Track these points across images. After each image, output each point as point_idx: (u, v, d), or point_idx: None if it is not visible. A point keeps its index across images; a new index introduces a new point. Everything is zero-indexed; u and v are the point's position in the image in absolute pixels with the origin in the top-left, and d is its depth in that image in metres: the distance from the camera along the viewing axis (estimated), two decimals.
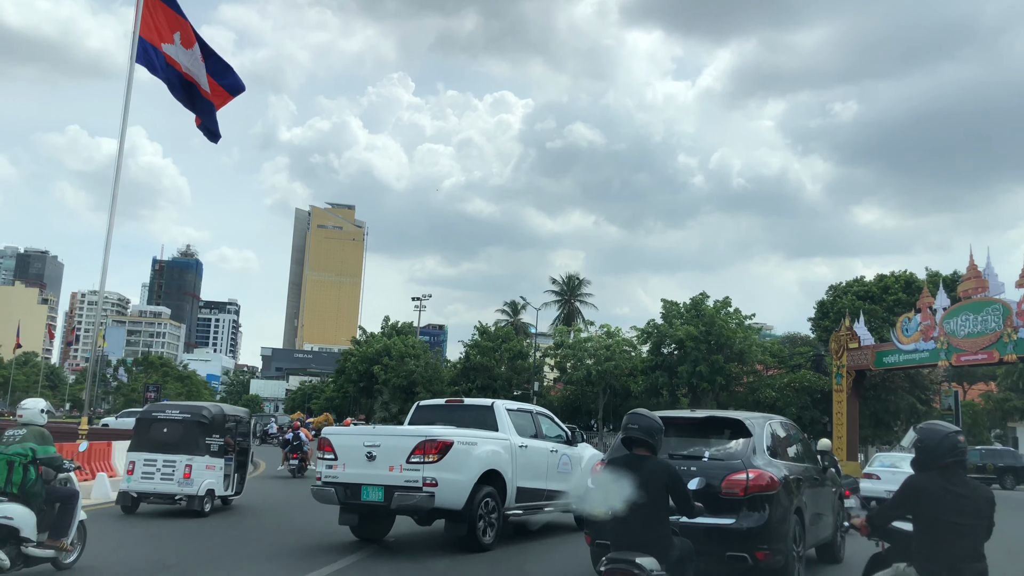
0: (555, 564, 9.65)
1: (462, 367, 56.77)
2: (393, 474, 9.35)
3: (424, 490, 9.16)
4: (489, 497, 9.75)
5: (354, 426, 19.82)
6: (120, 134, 19.69)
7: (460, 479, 9.41)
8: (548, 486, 10.93)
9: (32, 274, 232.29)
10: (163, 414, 13.27)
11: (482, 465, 9.73)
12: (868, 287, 49.19)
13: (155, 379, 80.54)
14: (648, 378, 45.44)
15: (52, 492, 7.52)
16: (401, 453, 9.38)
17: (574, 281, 67.89)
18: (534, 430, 11.33)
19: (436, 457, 9.25)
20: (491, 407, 11.02)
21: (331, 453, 9.90)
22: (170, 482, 12.43)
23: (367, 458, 9.54)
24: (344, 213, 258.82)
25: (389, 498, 9.32)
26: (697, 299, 44.94)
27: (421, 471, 9.22)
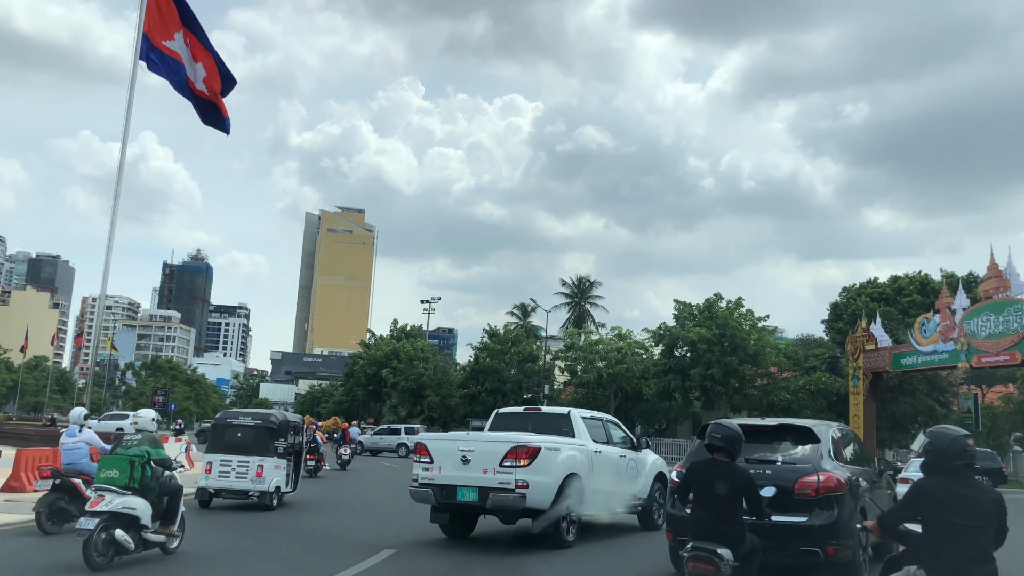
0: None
1: (471, 370, 56.33)
2: (487, 476, 10.12)
3: (517, 491, 9.94)
4: (571, 497, 10.46)
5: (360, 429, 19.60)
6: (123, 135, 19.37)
7: (547, 481, 10.16)
8: (620, 488, 11.85)
9: (44, 278, 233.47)
10: (237, 420, 14.63)
11: (565, 469, 10.47)
12: (882, 288, 48.44)
13: (163, 383, 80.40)
14: (660, 381, 44.77)
15: (162, 487, 8.79)
16: (494, 457, 10.14)
17: (584, 283, 67.26)
18: (605, 437, 12.09)
19: (527, 461, 10.03)
20: (567, 415, 11.91)
21: (427, 457, 10.66)
22: (244, 480, 13.90)
23: (462, 461, 10.33)
24: (354, 217, 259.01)
25: (484, 498, 10.10)
26: (710, 300, 44.25)
27: (513, 474, 10.00)
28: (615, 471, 11.84)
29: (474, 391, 54.76)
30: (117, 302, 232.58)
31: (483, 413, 54.12)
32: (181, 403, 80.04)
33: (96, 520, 8.06)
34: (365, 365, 64.64)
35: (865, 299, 47.35)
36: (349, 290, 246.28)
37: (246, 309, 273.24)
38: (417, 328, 68.20)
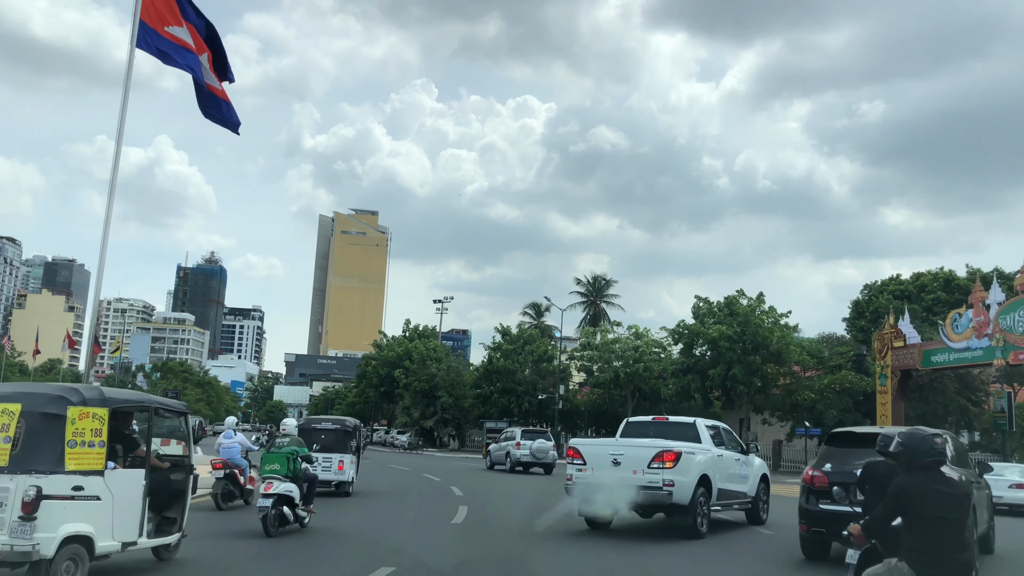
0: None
1: (484, 370, 55.25)
2: (636, 476, 11.70)
3: (664, 489, 11.55)
4: (703, 495, 11.91)
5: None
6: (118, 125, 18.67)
7: (687, 481, 11.64)
8: (735, 488, 13.23)
9: (59, 282, 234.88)
10: (320, 425, 18.02)
11: (699, 470, 11.93)
12: (905, 286, 47.02)
13: (175, 385, 79.88)
14: (679, 381, 43.50)
15: (305, 476, 11.64)
16: (643, 460, 11.77)
17: (600, 282, 65.94)
18: (723, 442, 13.41)
19: (672, 463, 11.61)
20: (694, 424, 13.32)
21: (580, 459, 12.40)
22: (328, 472, 16.60)
23: (613, 463, 11.97)
24: (368, 219, 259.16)
25: (636, 495, 11.70)
26: (731, 298, 42.92)
27: (661, 474, 11.60)
28: (732, 472, 13.24)
29: (487, 392, 53.64)
30: (132, 305, 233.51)
31: (497, 414, 53.04)
32: (192, 405, 79.45)
33: (271, 500, 10.75)
34: (377, 366, 63.73)
35: (887, 296, 45.93)
36: (363, 292, 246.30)
37: (260, 311, 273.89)
38: (430, 329, 67.20)
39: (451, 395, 55.88)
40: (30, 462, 6.68)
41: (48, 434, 6.83)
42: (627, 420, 14.39)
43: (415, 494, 19.13)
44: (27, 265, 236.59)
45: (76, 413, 6.97)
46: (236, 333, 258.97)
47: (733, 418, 49.56)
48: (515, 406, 52.45)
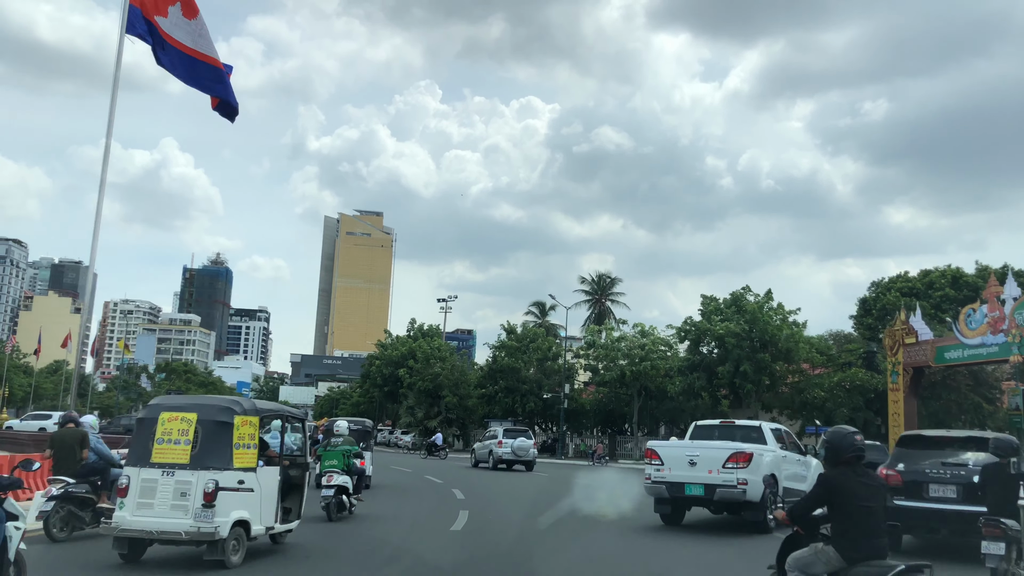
0: None
1: (488, 369, 54.63)
2: (712, 476, 12.71)
3: (738, 487, 12.49)
4: (771, 493, 12.67)
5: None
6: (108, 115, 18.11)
7: (758, 479, 12.50)
8: (796, 486, 13.70)
9: (66, 284, 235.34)
10: None
11: (768, 469, 12.81)
12: (912, 283, 46.29)
13: (177, 385, 79.46)
14: (686, 379, 42.81)
15: (355, 470, 13.45)
16: (717, 461, 12.74)
17: (605, 280, 65.28)
18: (784, 444, 14.21)
19: (745, 464, 12.58)
20: (759, 427, 14.38)
21: (658, 460, 13.32)
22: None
23: (689, 464, 12.93)
24: (372, 220, 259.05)
25: (711, 493, 12.76)
26: (738, 294, 42.24)
27: (735, 473, 12.54)
28: (794, 472, 13.94)
29: (491, 391, 52.99)
30: (138, 307, 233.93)
31: (501, 414, 52.43)
32: None
33: (332, 491, 12.48)
34: (381, 366, 63.15)
35: (895, 294, 45.26)
36: (368, 293, 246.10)
37: (266, 312, 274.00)
38: (434, 328, 66.61)
39: (455, 394, 55.25)
40: (207, 460, 8.28)
41: (220, 438, 8.38)
42: (695, 424, 15.32)
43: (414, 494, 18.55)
44: (34, 267, 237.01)
45: (240, 421, 8.54)
46: (242, 334, 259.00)
47: (740, 416, 48.87)
48: (520, 406, 51.80)
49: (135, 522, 8.21)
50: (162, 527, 8.15)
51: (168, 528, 8.13)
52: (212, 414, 8.50)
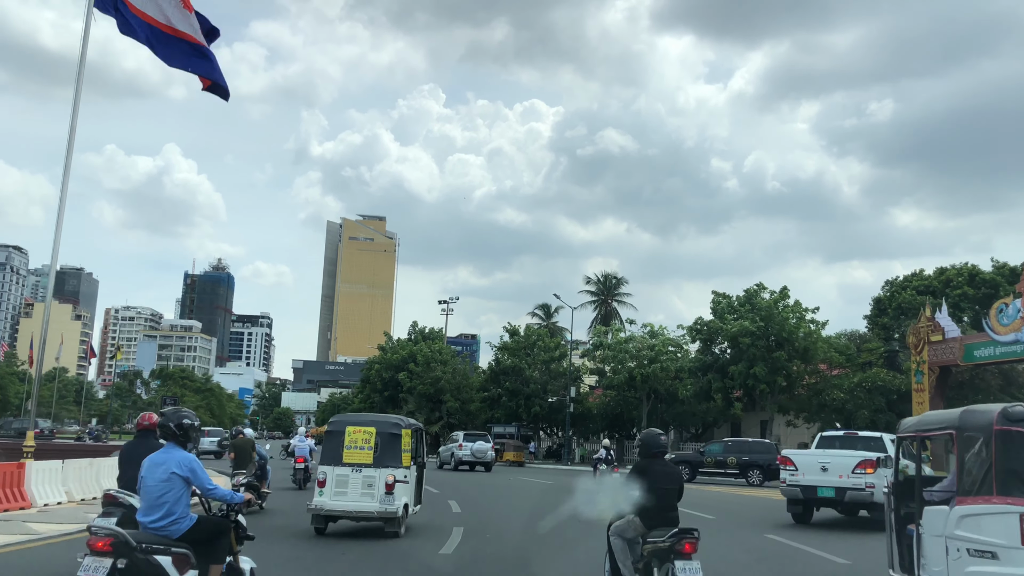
0: None
1: (491, 370, 52.77)
2: (843, 480, 14.61)
3: (866, 490, 14.29)
4: None
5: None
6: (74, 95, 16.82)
7: (882, 484, 12.75)
8: None
9: (68, 291, 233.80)
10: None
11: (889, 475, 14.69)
12: (928, 281, 44.44)
13: (173, 392, 77.74)
14: (698, 380, 40.91)
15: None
16: (847, 467, 14.64)
17: (611, 280, 63.39)
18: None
19: (872, 470, 14.45)
20: (880, 438, 16.91)
21: (792, 466, 15.23)
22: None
23: (821, 469, 14.84)
24: (375, 224, 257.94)
25: (841, 495, 14.64)
26: (751, 290, 40.37)
27: (863, 478, 14.43)
28: None
29: (494, 394, 51.10)
30: (140, 313, 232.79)
31: (504, 418, 50.57)
32: None
33: None
34: (381, 369, 61.31)
35: (911, 292, 43.41)
36: (372, 298, 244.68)
37: (268, 318, 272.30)
38: (436, 331, 64.80)
39: (457, 398, 53.39)
40: (385, 461, 11.47)
41: (393, 445, 11.56)
42: (821, 435, 17.80)
43: None
44: (36, 275, 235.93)
45: (404, 432, 11.81)
46: (244, 340, 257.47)
47: (754, 420, 46.97)
48: (523, 409, 49.89)
49: (335, 505, 11.45)
50: (357, 508, 11.40)
51: (362, 509, 11.38)
52: (386, 427, 11.81)
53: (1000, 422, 6.14)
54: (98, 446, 30.75)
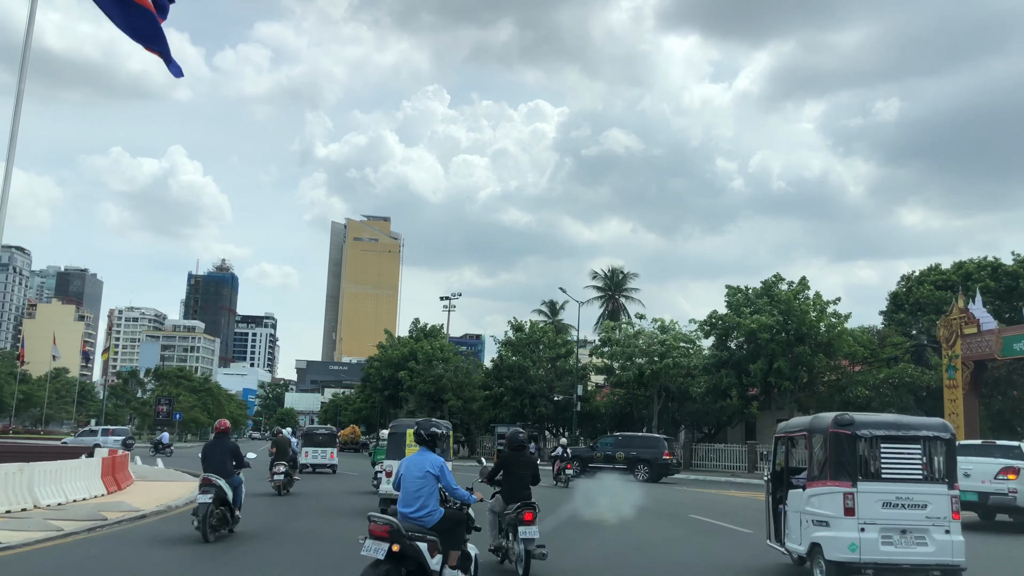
0: None
1: (495, 367, 50.64)
2: (985, 485, 16.04)
3: (1009, 495, 15.86)
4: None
5: None
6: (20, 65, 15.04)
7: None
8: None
9: (72, 292, 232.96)
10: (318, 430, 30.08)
11: None
12: (946, 275, 42.14)
13: (169, 391, 75.89)
14: (712, 377, 38.66)
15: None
16: (989, 473, 16.04)
17: (618, 275, 61.19)
18: None
19: (1015, 476, 15.95)
20: (1018, 446, 17.20)
21: None
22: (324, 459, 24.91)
23: (963, 475, 14.09)
24: (380, 225, 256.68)
25: (984, 500, 16.07)
26: (768, 282, 38.11)
27: (1006, 484, 15.94)
28: None
29: (497, 393, 48.93)
30: (144, 314, 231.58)
31: (508, 418, 48.46)
32: (188, 412, 75.39)
33: None
34: (381, 367, 59.24)
35: (928, 287, 41.16)
36: (376, 299, 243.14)
37: (273, 319, 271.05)
38: (437, 328, 62.67)
39: (459, 397, 51.27)
40: None
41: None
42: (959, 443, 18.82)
43: None
44: (41, 276, 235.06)
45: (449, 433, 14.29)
46: (249, 341, 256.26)
47: (769, 418, 44.69)
48: (528, 408, 47.74)
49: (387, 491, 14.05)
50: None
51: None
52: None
53: (833, 426, 8.45)
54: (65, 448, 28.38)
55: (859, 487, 8.18)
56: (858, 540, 8.05)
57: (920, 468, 8.43)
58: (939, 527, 8.22)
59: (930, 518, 8.25)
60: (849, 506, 8.12)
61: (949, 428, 8.71)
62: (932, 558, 8.16)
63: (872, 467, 8.36)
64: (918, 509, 8.24)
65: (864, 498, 8.17)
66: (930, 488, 8.38)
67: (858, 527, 8.09)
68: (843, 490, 8.13)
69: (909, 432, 8.52)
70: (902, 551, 8.14)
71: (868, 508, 8.16)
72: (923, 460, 8.46)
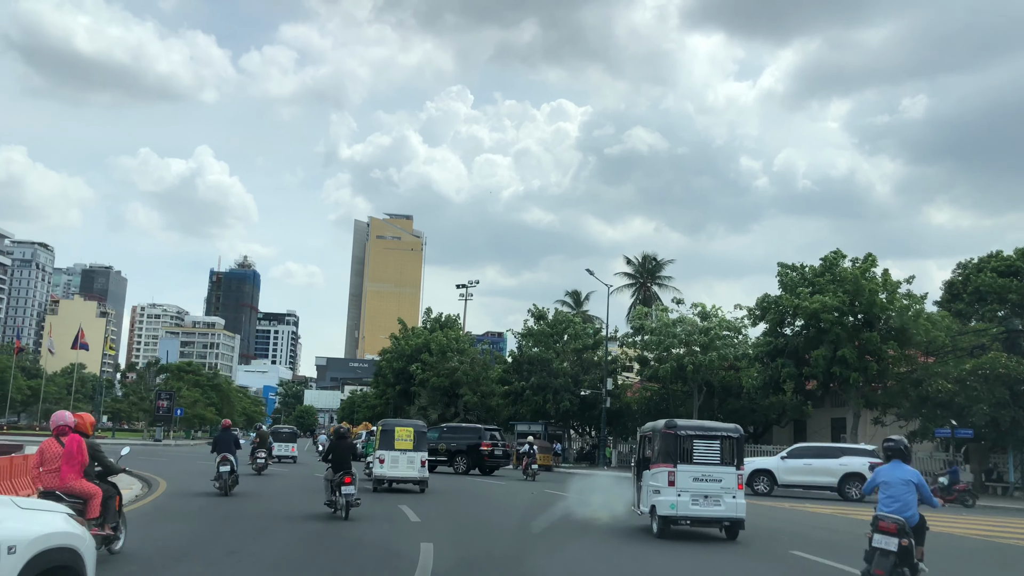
0: None
1: (514, 360, 45.89)
2: None
3: None
4: None
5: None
6: None
7: None
8: None
9: (97, 289, 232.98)
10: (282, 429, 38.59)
11: None
12: (1009, 261, 36.82)
13: (176, 386, 72.22)
14: (766, 369, 33.59)
15: None
16: None
17: (651, 261, 56.08)
18: None
19: None
20: None
21: None
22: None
23: None
24: (402, 223, 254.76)
25: None
26: (829, 258, 33.00)
27: None
28: None
29: (517, 387, 44.12)
30: (166, 311, 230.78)
31: (530, 415, 43.70)
32: (192, 408, 71.60)
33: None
34: (392, 360, 54.81)
35: (989, 274, 35.97)
36: (399, 297, 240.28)
37: (295, 316, 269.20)
38: (453, 318, 58.03)
39: (476, 392, 46.59)
40: (420, 447, 20.15)
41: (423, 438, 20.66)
42: None
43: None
44: (68, 274, 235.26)
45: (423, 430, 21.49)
46: (271, 338, 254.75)
47: (824, 418, 39.52)
48: (551, 405, 42.85)
49: (391, 474, 19.53)
50: (404, 475, 19.57)
51: (407, 476, 19.59)
52: (418, 428, 20.63)
53: (664, 428, 12.66)
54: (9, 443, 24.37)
55: (678, 468, 12.13)
56: (676, 502, 12.03)
57: (717, 456, 12.35)
58: (729, 494, 12.17)
59: (724, 488, 12.22)
60: (671, 480, 12.07)
61: (739, 430, 12.73)
62: (724, 513, 12.20)
63: (687, 455, 12.25)
64: (716, 482, 12.19)
65: (681, 475, 12.12)
66: (724, 469, 12.32)
67: (676, 493, 12.04)
68: (668, 469, 12.18)
69: (711, 432, 12.59)
70: (705, 508, 12.15)
71: (684, 481, 12.10)
72: (720, 451, 12.37)
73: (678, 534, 12.68)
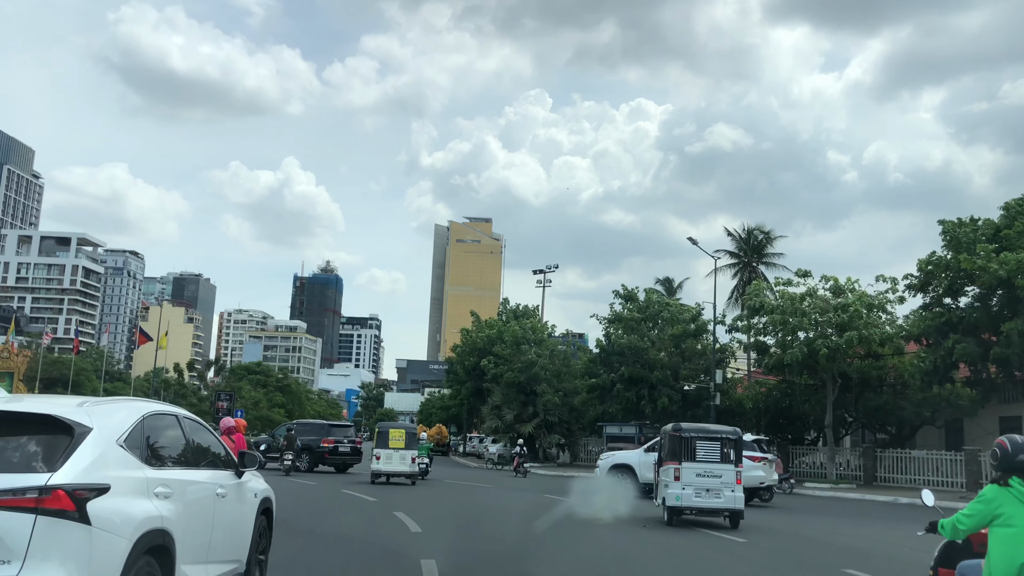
0: None
1: (601, 351, 39.23)
2: None
3: None
4: None
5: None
6: None
7: None
8: None
9: (187, 296, 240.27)
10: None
11: None
12: None
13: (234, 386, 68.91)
14: (933, 353, 25.94)
15: None
16: None
17: (756, 236, 48.39)
18: None
19: None
20: None
21: None
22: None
23: None
24: (482, 227, 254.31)
25: None
26: (1012, 207, 25.21)
27: None
28: None
29: (605, 382, 37.42)
30: (251, 315, 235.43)
31: (621, 415, 37.02)
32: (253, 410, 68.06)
33: None
34: (464, 354, 49.17)
35: None
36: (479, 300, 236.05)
37: (377, 320, 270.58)
38: (531, 309, 51.94)
39: (556, 389, 40.23)
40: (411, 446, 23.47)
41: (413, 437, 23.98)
42: None
43: None
44: (161, 283, 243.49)
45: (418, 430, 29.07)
46: (354, 342, 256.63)
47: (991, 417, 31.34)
48: (647, 402, 35.93)
49: (386, 469, 22.99)
50: (397, 470, 22.96)
51: (400, 471, 22.99)
52: (409, 430, 24.17)
53: (671, 431, 14.99)
54: None
55: (683, 465, 14.35)
56: (681, 494, 14.21)
57: (719, 455, 14.61)
58: (728, 488, 14.26)
59: (723, 483, 14.38)
60: (677, 476, 14.33)
61: (737, 432, 15.31)
62: (723, 505, 14.31)
63: (691, 454, 14.52)
64: (716, 478, 14.37)
65: (686, 471, 14.35)
66: (724, 467, 14.52)
67: (681, 487, 14.25)
68: (674, 466, 14.42)
69: (712, 434, 15.00)
70: (706, 500, 14.29)
71: (688, 477, 14.31)
72: (721, 450, 14.65)
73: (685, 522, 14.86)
